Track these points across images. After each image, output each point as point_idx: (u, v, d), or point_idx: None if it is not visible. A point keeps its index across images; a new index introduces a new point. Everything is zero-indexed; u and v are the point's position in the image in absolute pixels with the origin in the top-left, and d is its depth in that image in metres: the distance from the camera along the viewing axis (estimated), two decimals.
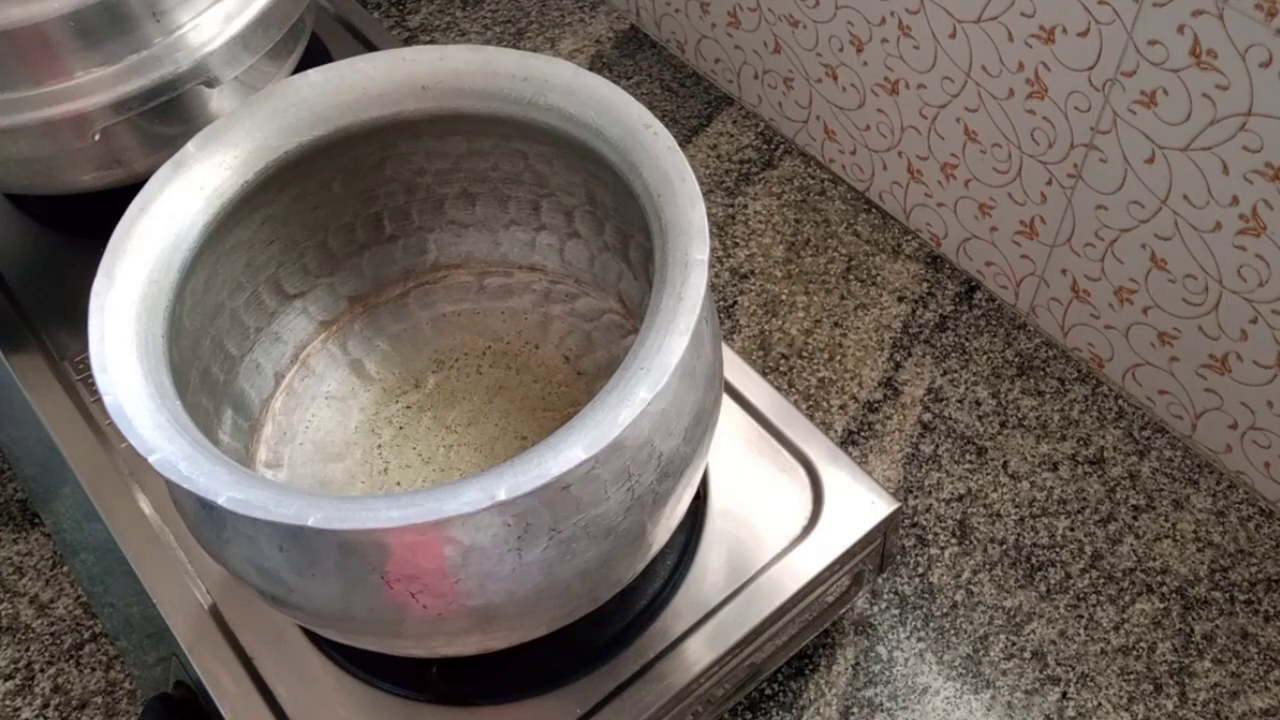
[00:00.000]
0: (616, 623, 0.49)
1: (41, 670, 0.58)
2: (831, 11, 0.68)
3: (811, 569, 0.51)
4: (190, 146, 0.46)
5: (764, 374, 0.62)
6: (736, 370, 0.56)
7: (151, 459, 0.37)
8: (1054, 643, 0.57)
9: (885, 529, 0.53)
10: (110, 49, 0.55)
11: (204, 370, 0.48)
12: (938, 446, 0.64)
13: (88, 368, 0.50)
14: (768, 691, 0.56)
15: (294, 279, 0.53)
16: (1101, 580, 0.59)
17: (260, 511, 0.36)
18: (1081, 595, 0.59)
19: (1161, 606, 0.58)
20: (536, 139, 0.49)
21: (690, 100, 0.82)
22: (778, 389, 0.57)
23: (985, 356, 0.68)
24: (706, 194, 0.75)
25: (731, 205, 0.75)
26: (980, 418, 0.65)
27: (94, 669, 0.58)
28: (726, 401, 0.55)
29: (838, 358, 0.68)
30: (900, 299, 0.70)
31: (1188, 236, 0.57)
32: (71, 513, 0.59)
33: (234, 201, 0.46)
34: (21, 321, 0.61)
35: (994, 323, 0.69)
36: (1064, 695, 0.56)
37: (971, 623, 0.58)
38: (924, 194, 0.71)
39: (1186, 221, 0.56)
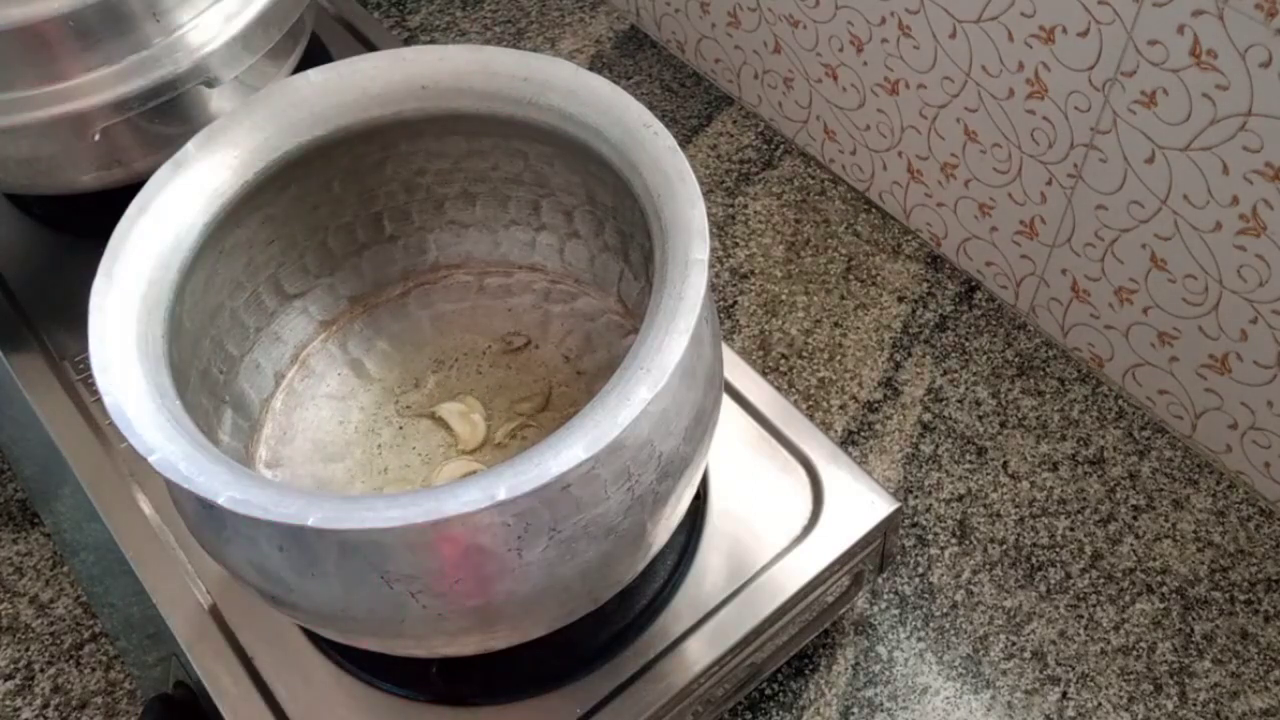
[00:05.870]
0: (616, 623, 0.49)
1: (41, 670, 0.58)
2: (831, 11, 0.68)
3: (811, 569, 0.51)
4: (190, 146, 0.46)
5: (764, 374, 0.62)
6: (736, 370, 0.56)
7: (151, 459, 0.37)
8: (1054, 643, 0.57)
9: (885, 529, 0.53)
10: (110, 49, 0.54)
11: (204, 370, 0.48)
12: (938, 446, 0.64)
13: (88, 368, 0.50)
14: (768, 691, 0.56)
15: (294, 279, 0.53)
16: (1101, 580, 0.59)
17: (260, 511, 0.36)
18: (1081, 595, 0.59)
19: (1161, 606, 0.58)
20: (536, 139, 0.49)
21: (690, 100, 0.82)
22: (778, 389, 0.57)
23: (985, 356, 0.68)
24: (706, 194, 0.75)
25: (731, 205, 0.75)
26: (980, 418, 0.65)
27: (94, 669, 0.58)
28: (726, 401, 0.55)
29: (838, 358, 0.68)
30: (900, 299, 0.70)
31: (1188, 236, 0.57)
32: (71, 513, 0.59)
33: (234, 201, 0.46)
34: (21, 321, 0.61)
35: (994, 323, 0.69)
36: (1064, 695, 0.56)
37: (971, 623, 0.58)
38: (924, 194, 0.71)
39: (1186, 221, 0.56)
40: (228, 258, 0.49)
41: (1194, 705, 0.55)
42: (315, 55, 0.68)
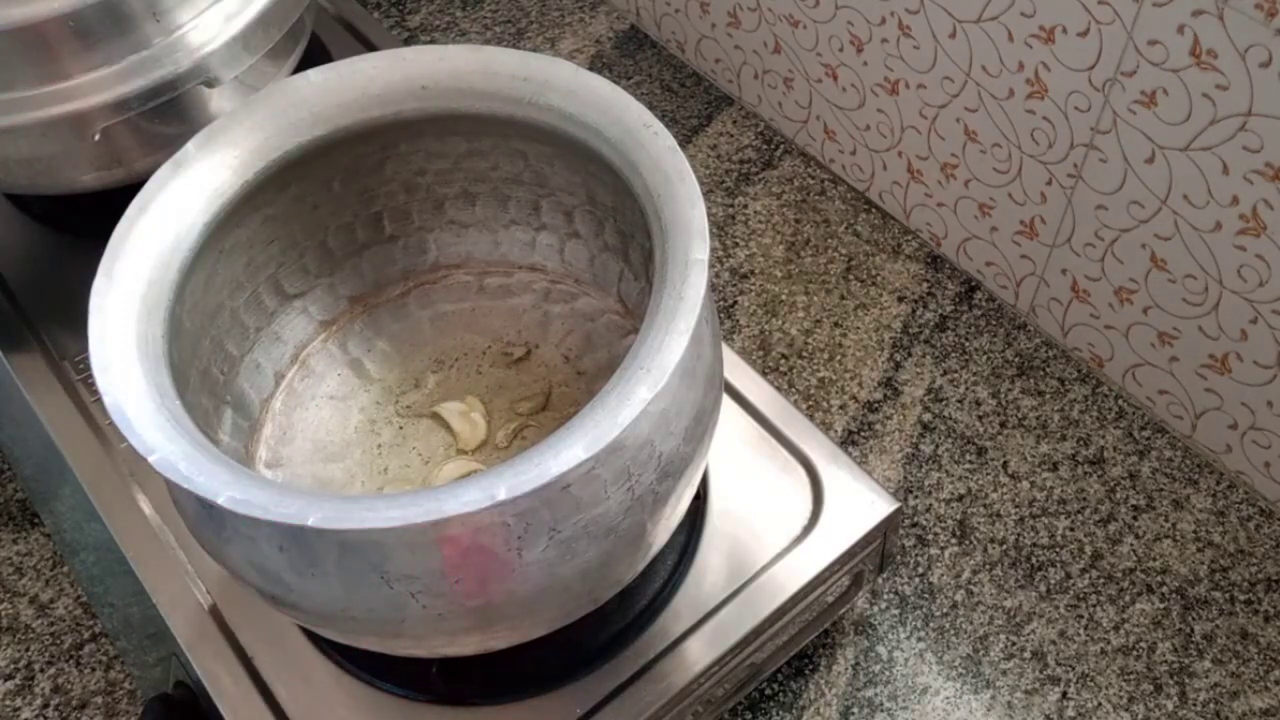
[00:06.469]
0: (616, 623, 0.49)
1: (41, 670, 0.58)
2: (831, 11, 0.68)
3: (811, 569, 0.51)
4: (190, 146, 0.46)
5: (764, 374, 0.62)
6: (736, 370, 0.56)
7: (151, 459, 0.37)
8: (1054, 643, 0.57)
9: (885, 529, 0.53)
10: (110, 49, 0.55)
11: (204, 370, 0.48)
12: (938, 446, 0.64)
13: (88, 368, 0.50)
14: (768, 691, 0.56)
15: (294, 279, 0.53)
16: (1101, 580, 0.59)
17: (260, 511, 0.36)
18: (1081, 595, 0.59)
19: (1161, 606, 0.58)
20: (536, 139, 0.49)
21: (690, 100, 0.82)
22: (778, 389, 0.57)
23: (985, 356, 0.68)
24: (706, 194, 0.75)
25: (731, 205, 0.75)
26: (980, 418, 0.65)
27: (94, 669, 0.58)
28: (726, 401, 0.55)
29: (838, 358, 0.68)
30: (900, 299, 0.70)
31: (1188, 236, 0.57)
32: (71, 513, 0.59)
33: (234, 201, 0.46)
34: (21, 321, 0.61)
35: (994, 323, 0.69)
36: (1064, 695, 0.56)
37: (971, 623, 0.58)
38: (924, 194, 0.71)
39: (1186, 221, 0.56)
40: (228, 258, 0.49)
41: (1194, 705, 0.55)
42: (315, 55, 0.68)
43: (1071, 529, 0.61)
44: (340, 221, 0.53)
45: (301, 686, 0.49)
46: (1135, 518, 0.61)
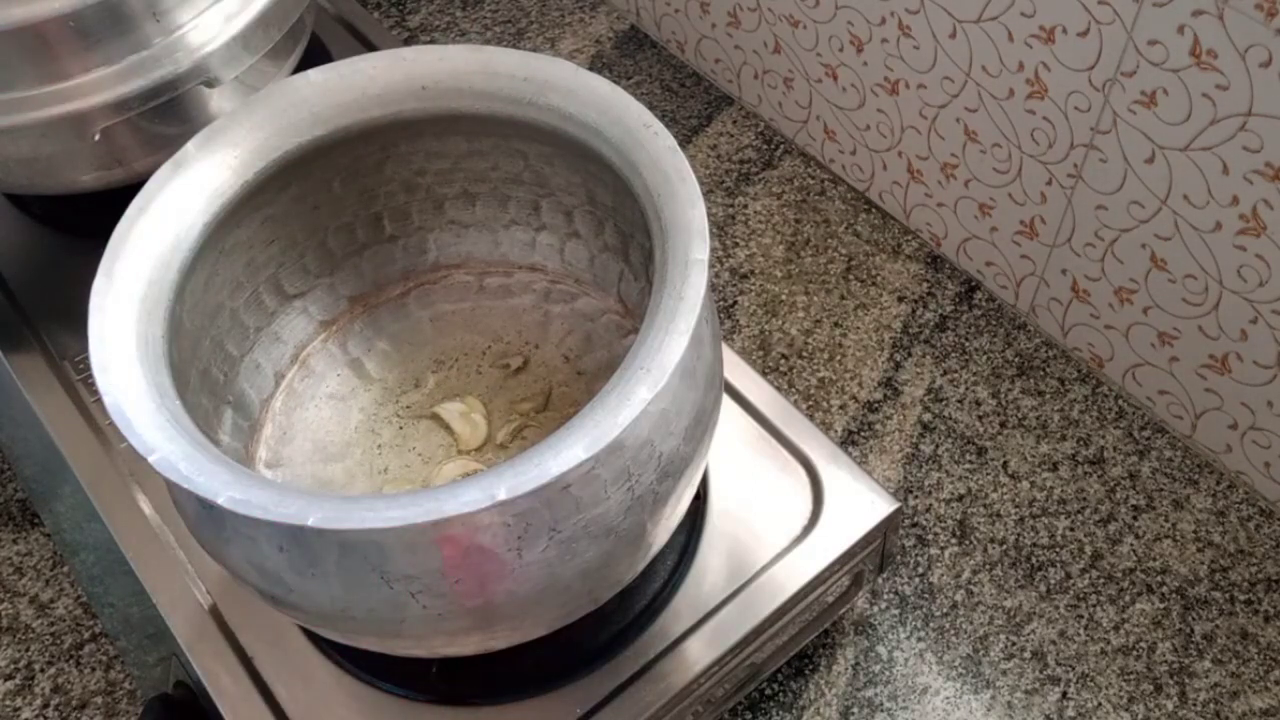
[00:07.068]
0: (616, 623, 0.49)
1: (41, 670, 0.58)
2: (831, 11, 0.68)
3: (811, 569, 0.51)
4: (190, 146, 0.46)
5: (764, 374, 0.62)
6: (736, 370, 0.56)
7: (151, 459, 0.37)
8: (1054, 643, 0.57)
9: (885, 529, 0.53)
10: (110, 49, 0.55)
11: (204, 370, 0.48)
12: (938, 446, 0.64)
13: (88, 368, 0.50)
14: (768, 691, 0.56)
15: (294, 279, 0.53)
16: (1101, 580, 0.59)
17: (260, 511, 0.36)
18: (1081, 595, 0.59)
19: (1161, 606, 0.58)
20: (536, 139, 0.49)
21: (690, 100, 0.82)
22: (778, 389, 0.57)
23: (985, 356, 0.68)
24: (706, 194, 0.75)
25: (731, 205, 0.75)
26: (980, 418, 0.65)
27: (94, 669, 0.58)
28: (726, 401, 0.55)
29: (838, 358, 0.68)
30: (900, 299, 0.70)
31: (1188, 236, 0.57)
32: (71, 513, 0.59)
33: (234, 201, 0.46)
34: (21, 321, 0.61)
35: (994, 323, 0.69)
36: (1064, 695, 0.56)
37: (971, 623, 0.58)
38: (924, 194, 0.71)
39: (1186, 221, 0.56)
40: (228, 258, 0.49)
41: (1194, 705, 0.55)
42: (315, 55, 0.68)
43: (1071, 529, 0.61)
44: (340, 221, 0.53)
45: (301, 686, 0.49)
46: (1135, 518, 0.61)
